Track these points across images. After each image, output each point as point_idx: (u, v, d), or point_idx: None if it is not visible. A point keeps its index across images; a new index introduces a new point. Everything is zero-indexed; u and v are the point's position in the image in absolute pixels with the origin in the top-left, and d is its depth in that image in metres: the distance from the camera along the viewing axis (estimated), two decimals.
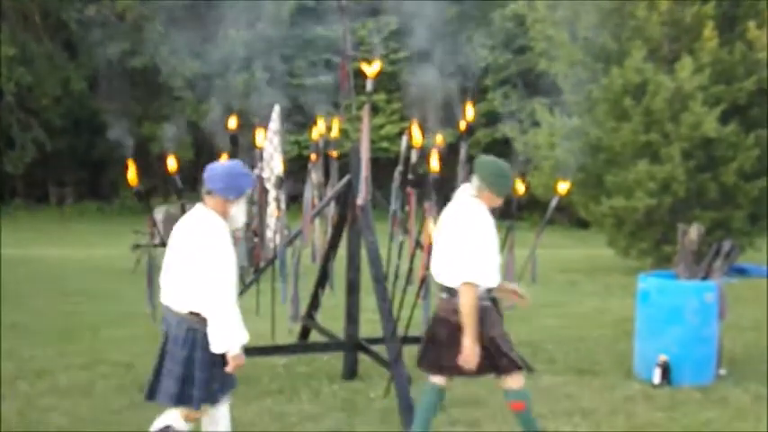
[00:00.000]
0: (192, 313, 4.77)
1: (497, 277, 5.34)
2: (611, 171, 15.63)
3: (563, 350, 8.79)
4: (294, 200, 10.21)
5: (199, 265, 4.69)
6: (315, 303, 8.11)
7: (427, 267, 6.23)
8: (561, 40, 16.73)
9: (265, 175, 8.61)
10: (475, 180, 5.35)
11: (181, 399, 4.82)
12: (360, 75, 7.08)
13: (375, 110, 29.75)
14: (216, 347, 4.72)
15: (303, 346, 8.19)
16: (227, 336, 4.71)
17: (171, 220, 15.15)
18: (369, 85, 6.62)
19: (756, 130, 14.86)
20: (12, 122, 29.03)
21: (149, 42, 28.34)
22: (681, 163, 14.61)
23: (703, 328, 7.50)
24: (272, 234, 10.27)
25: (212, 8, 27.53)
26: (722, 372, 7.73)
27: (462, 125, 7.56)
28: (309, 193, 7.61)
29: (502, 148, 28.52)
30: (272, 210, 10.51)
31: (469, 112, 7.28)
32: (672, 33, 15.34)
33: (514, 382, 5.41)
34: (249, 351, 7.80)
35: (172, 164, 6.77)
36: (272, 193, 9.83)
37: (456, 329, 5.23)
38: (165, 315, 4.94)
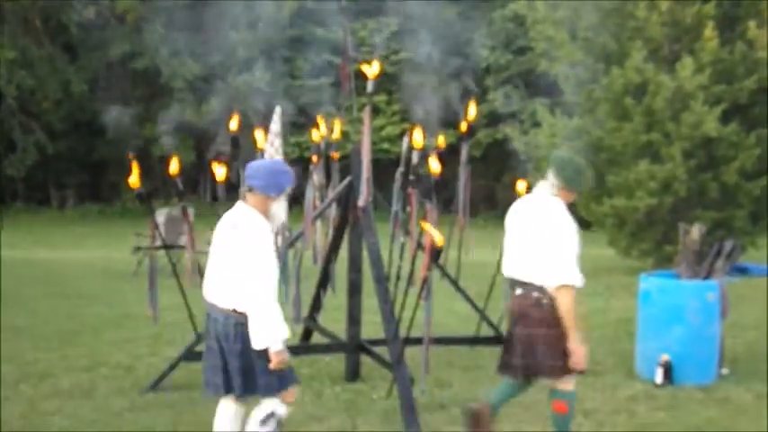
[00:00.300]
0: (220, 307, 4.84)
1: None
2: (613, 171, 15.62)
3: None
4: (295, 201, 10.21)
5: (243, 263, 4.74)
6: (317, 305, 8.11)
7: (429, 268, 6.24)
8: (561, 40, 16.72)
9: None
10: (552, 178, 5.38)
11: (247, 389, 4.90)
12: (360, 76, 7.09)
13: (376, 111, 29.76)
14: (257, 344, 4.76)
15: (305, 347, 8.19)
16: (269, 332, 4.74)
17: (172, 223, 15.22)
18: (369, 87, 6.63)
19: (757, 130, 14.84)
20: (13, 125, 29.07)
21: (150, 44, 28.38)
22: (682, 162, 14.60)
23: (705, 328, 7.50)
24: (274, 236, 10.27)
25: (212, 9, 27.57)
26: (724, 371, 7.73)
27: (463, 126, 7.58)
28: (311, 195, 7.62)
29: (502, 148, 28.58)
30: (273, 211, 10.51)
31: (471, 111, 7.30)
32: (672, 33, 15.33)
33: (565, 383, 5.45)
34: None
35: (173, 166, 6.79)
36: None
37: (539, 324, 5.28)
38: (210, 312, 4.97)
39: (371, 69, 6.64)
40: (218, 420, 5.13)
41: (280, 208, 4.92)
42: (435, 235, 5.94)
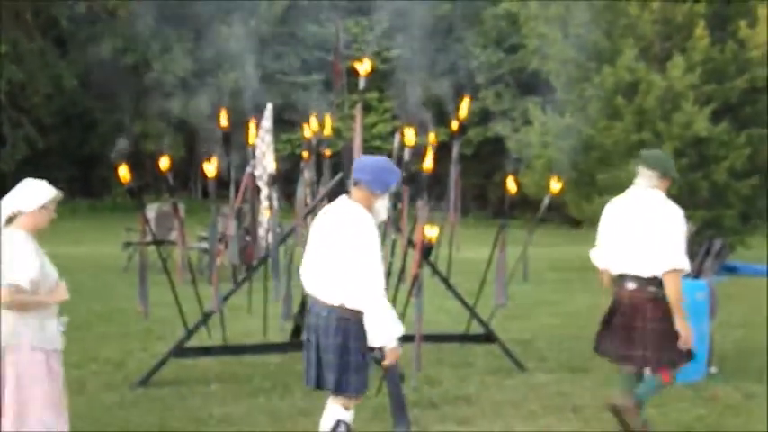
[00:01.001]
0: (326, 303, 4.81)
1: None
2: (603, 169, 15.66)
3: (555, 348, 8.82)
4: (287, 198, 10.22)
5: (351, 259, 4.70)
6: (307, 302, 8.09)
7: (420, 266, 6.25)
8: (553, 38, 16.76)
9: (257, 173, 8.61)
10: (649, 172, 5.78)
11: (340, 386, 4.87)
12: (352, 73, 7.09)
13: (367, 108, 29.74)
14: (374, 341, 4.74)
15: (295, 343, 8.18)
16: (386, 329, 4.73)
17: (163, 218, 15.17)
18: (361, 84, 6.63)
19: (747, 129, 14.90)
20: (3, 120, 28.95)
21: (140, 39, 28.30)
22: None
23: (694, 327, 7.47)
24: (265, 232, 10.27)
25: (204, 5, 27.49)
26: (713, 369, 7.77)
27: (454, 124, 7.59)
28: (302, 192, 7.62)
29: (494, 146, 28.61)
30: (264, 208, 10.51)
31: (463, 109, 7.31)
32: (663, 32, 15.38)
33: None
34: (241, 349, 7.85)
35: (164, 162, 6.78)
36: (265, 192, 9.82)
37: (659, 318, 5.54)
38: (311, 306, 4.96)
39: (363, 67, 6.65)
40: (324, 417, 5.09)
41: (382, 206, 4.89)
42: (431, 231, 5.95)
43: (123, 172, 6.50)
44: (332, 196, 7.53)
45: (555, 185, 7.49)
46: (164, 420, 6.18)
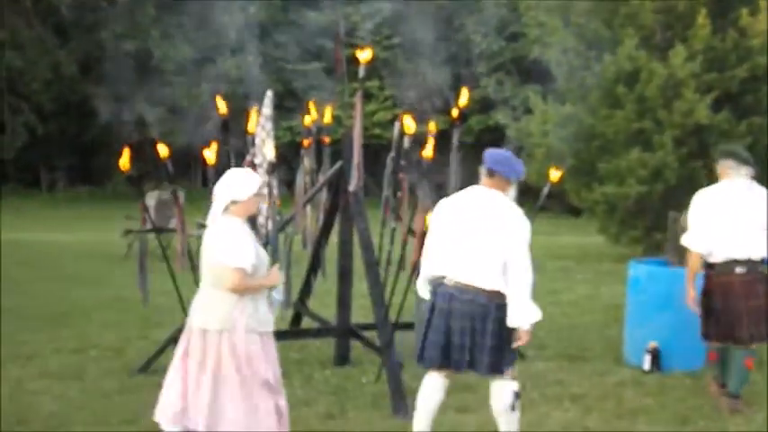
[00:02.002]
0: (482, 288, 5.02)
1: None
2: (604, 158, 15.63)
3: (554, 336, 8.82)
4: (288, 186, 10.21)
5: (511, 245, 5.02)
6: (307, 289, 8.11)
7: (420, 253, 6.25)
8: (554, 26, 16.71)
9: (257, 161, 8.59)
10: (738, 164, 6.39)
11: (498, 367, 5.12)
12: (353, 61, 7.08)
13: (368, 96, 29.70)
14: (515, 322, 5.04)
15: (295, 332, 8.20)
16: (528, 311, 5.04)
17: (163, 206, 15.17)
18: (361, 72, 6.62)
19: (748, 118, 14.86)
20: (2, 107, 28.91)
21: (141, 26, 28.22)
22: (673, 150, 14.63)
23: (693, 315, 7.51)
24: (264, 220, 10.26)
25: None
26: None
27: (455, 112, 7.57)
28: (301, 180, 7.61)
29: (494, 134, 28.57)
30: (263, 195, 10.49)
31: (463, 98, 7.29)
32: (665, 20, 15.33)
33: None
34: None
35: (163, 150, 6.77)
36: (264, 179, 9.81)
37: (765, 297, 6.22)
38: (451, 292, 5.07)
39: (363, 55, 6.63)
40: (428, 392, 5.31)
41: (512, 193, 5.15)
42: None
43: (123, 160, 6.50)
44: (331, 184, 7.54)
45: (555, 174, 7.47)
46: None
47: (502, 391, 5.20)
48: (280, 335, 7.94)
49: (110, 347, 8.00)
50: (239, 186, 4.77)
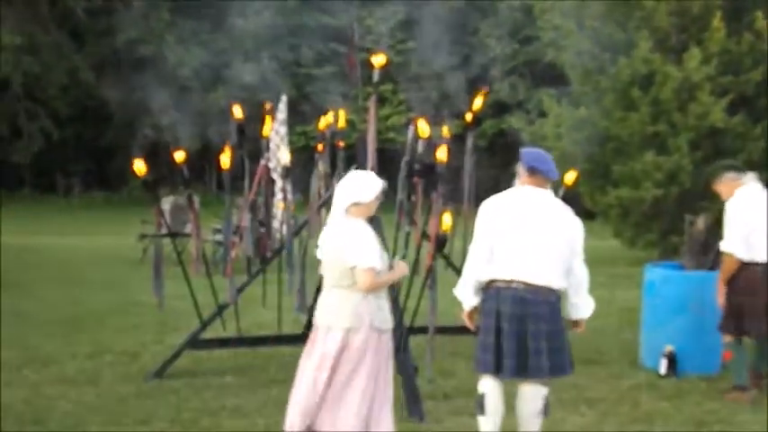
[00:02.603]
0: (553, 288, 5.08)
1: None
2: (618, 161, 15.60)
3: (569, 339, 8.79)
4: (301, 191, 10.21)
5: (572, 243, 5.14)
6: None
7: (434, 258, 6.24)
8: (568, 29, 16.69)
9: (272, 165, 8.61)
10: (739, 173, 6.78)
11: (561, 369, 5.19)
12: (367, 65, 7.08)
13: (381, 100, 29.73)
14: (583, 313, 5.35)
15: (309, 336, 8.19)
16: (590, 303, 5.34)
17: (178, 210, 15.21)
18: (375, 76, 6.62)
19: (764, 121, 14.80)
20: (19, 112, 29.09)
21: (156, 31, 28.33)
22: (688, 153, 14.58)
23: (709, 319, 7.48)
24: (279, 224, 10.29)
25: None
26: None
27: (469, 116, 7.57)
28: (316, 184, 7.61)
29: (508, 138, 28.52)
30: (278, 200, 10.50)
31: (477, 101, 7.28)
32: (679, 23, 15.28)
33: None
34: (256, 341, 7.87)
35: (179, 155, 6.79)
36: (279, 184, 9.83)
37: None
38: (516, 294, 5.04)
39: (377, 59, 6.63)
40: (492, 399, 5.24)
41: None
42: (447, 218, 6.02)
43: (139, 165, 6.52)
44: None
45: (570, 176, 7.46)
46: (178, 412, 6.21)
47: (535, 395, 5.17)
48: (295, 339, 8.00)
49: (125, 352, 8.02)
50: (362, 189, 4.88)
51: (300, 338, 8.07)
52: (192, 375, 7.13)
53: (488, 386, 5.19)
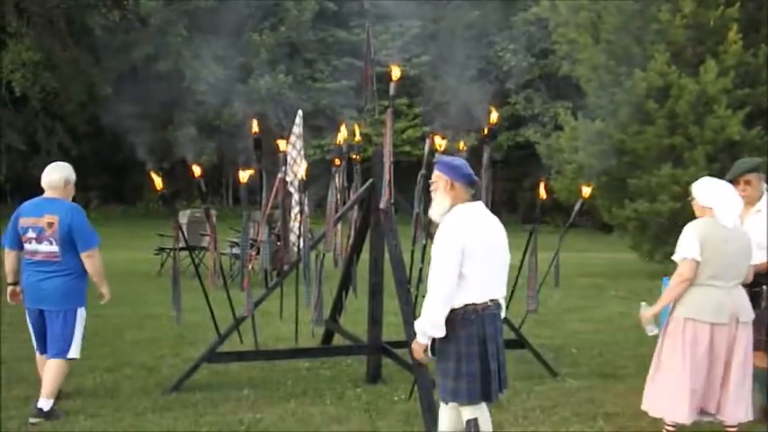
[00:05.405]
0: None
1: None
2: (635, 174, 15.57)
3: (587, 354, 8.77)
4: (318, 205, 10.25)
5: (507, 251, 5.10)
6: (338, 307, 8.13)
7: None
8: (584, 43, 16.70)
9: (289, 179, 8.65)
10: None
11: (506, 382, 5.15)
12: (382, 79, 7.11)
13: (397, 114, 29.79)
14: None
15: (326, 349, 8.22)
16: None
17: (195, 224, 15.26)
18: (391, 90, 6.64)
19: None
20: (37, 128, 29.29)
21: (173, 47, 28.51)
22: (705, 166, 14.53)
23: None
24: (296, 238, 10.32)
25: (234, 12, 27.66)
26: None
27: (485, 130, 7.58)
28: (332, 197, 7.64)
29: (523, 151, 28.53)
30: (295, 214, 10.54)
31: (493, 115, 7.30)
32: (696, 36, 15.27)
33: None
34: (273, 354, 7.89)
35: (196, 169, 6.83)
36: (296, 197, 9.86)
37: None
38: (491, 316, 4.96)
39: (393, 73, 6.66)
40: (484, 420, 5.09)
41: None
42: None
43: (156, 179, 6.57)
44: (362, 202, 7.57)
45: (586, 190, 7.46)
46: (196, 425, 6.23)
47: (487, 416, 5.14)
48: (312, 352, 8.02)
49: (143, 366, 8.05)
50: None
51: (318, 352, 8.10)
52: (209, 389, 7.15)
53: (478, 410, 5.04)
